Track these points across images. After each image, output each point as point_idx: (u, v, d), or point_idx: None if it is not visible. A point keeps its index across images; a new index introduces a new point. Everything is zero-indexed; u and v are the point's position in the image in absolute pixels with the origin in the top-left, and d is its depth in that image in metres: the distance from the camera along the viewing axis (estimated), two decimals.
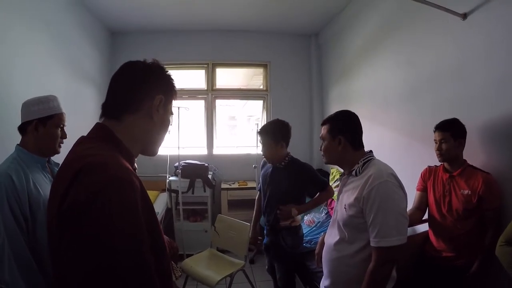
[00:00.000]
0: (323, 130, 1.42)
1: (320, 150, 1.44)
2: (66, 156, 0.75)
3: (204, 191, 3.61)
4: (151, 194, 3.53)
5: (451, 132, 1.67)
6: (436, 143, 1.74)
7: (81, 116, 3.03)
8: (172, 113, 0.89)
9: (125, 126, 0.78)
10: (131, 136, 0.79)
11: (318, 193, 2.20)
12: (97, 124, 0.80)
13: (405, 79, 2.47)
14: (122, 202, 0.61)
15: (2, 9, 1.99)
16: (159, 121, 0.83)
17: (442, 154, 1.72)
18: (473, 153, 1.76)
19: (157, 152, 0.89)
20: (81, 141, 0.77)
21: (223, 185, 3.96)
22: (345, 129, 1.36)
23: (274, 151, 2.08)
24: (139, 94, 0.80)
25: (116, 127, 0.78)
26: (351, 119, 1.40)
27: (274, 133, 2.07)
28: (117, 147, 0.75)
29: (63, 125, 1.40)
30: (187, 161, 3.67)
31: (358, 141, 1.37)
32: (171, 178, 3.63)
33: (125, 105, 0.79)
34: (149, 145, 0.85)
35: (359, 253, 1.26)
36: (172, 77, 0.87)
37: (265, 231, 2.28)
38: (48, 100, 1.36)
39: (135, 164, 1.26)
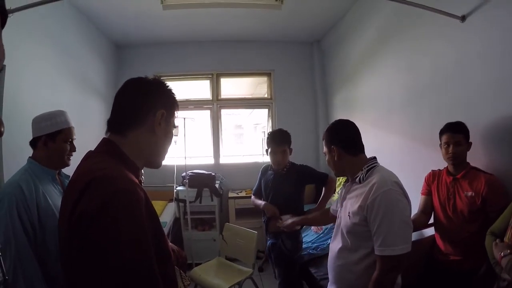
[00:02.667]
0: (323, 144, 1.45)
1: None
2: (75, 170, 0.80)
3: (212, 200, 3.64)
4: (159, 204, 3.57)
5: (464, 134, 1.65)
6: (445, 146, 1.70)
7: (88, 129, 3.09)
8: (174, 126, 0.92)
9: (130, 141, 0.82)
10: (136, 150, 0.83)
11: (323, 189, 2.32)
12: (103, 139, 0.84)
13: (407, 84, 2.48)
14: (128, 212, 0.65)
15: (10, 26, 2.06)
16: (162, 135, 0.87)
17: (456, 156, 1.66)
18: (475, 155, 1.75)
19: (161, 165, 0.92)
20: (89, 155, 0.82)
21: (231, 194, 3.98)
22: (335, 138, 1.38)
23: (287, 158, 2.22)
24: (141, 110, 0.84)
25: (121, 141, 0.82)
26: (341, 127, 1.41)
27: (288, 140, 2.20)
28: (123, 161, 0.80)
29: (72, 139, 1.46)
30: (194, 171, 3.71)
31: (355, 147, 1.36)
32: (178, 188, 3.67)
33: (128, 121, 0.83)
34: (153, 158, 0.89)
35: (363, 261, 1.25)
36: (173, 91, 0.91)
37: (267, 236, 2.35)
38: (55, 116, 1.42)
39: (142, 176, 1.30)
